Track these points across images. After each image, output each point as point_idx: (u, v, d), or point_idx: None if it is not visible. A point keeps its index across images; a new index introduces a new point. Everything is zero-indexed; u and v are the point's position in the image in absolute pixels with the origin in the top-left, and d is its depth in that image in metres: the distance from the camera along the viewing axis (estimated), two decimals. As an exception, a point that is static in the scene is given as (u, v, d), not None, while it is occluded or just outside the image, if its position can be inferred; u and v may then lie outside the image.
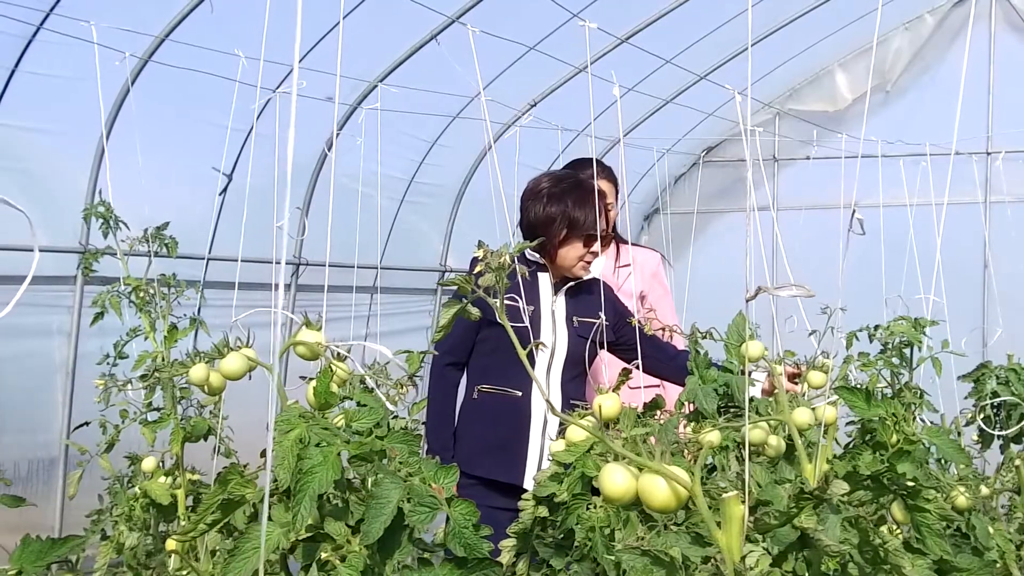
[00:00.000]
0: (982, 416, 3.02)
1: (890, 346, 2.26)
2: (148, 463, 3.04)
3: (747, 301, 1.21)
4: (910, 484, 1.68)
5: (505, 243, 1.25)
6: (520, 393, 3.33)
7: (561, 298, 3.43)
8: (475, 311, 1.41)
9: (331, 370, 1.52)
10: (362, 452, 1.45)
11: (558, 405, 3.34)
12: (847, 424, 2.94)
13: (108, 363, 3.16)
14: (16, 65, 4.00)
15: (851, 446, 2.05)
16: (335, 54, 4.96)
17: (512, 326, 3.32)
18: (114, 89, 4.45)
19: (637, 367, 3.26)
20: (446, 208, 6.81)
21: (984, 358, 3.14)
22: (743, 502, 1.16)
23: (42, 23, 3.93)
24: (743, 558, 1.10)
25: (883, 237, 5.05)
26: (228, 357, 1.56)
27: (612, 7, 5.44)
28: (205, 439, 3.07)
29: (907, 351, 2.25)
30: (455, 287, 3.54)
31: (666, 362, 3.48)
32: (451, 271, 6.91)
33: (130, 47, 4.26)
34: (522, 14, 5.65)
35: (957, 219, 6.30)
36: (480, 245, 1.25)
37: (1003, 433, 2.99)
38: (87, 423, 3.05)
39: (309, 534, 1.45)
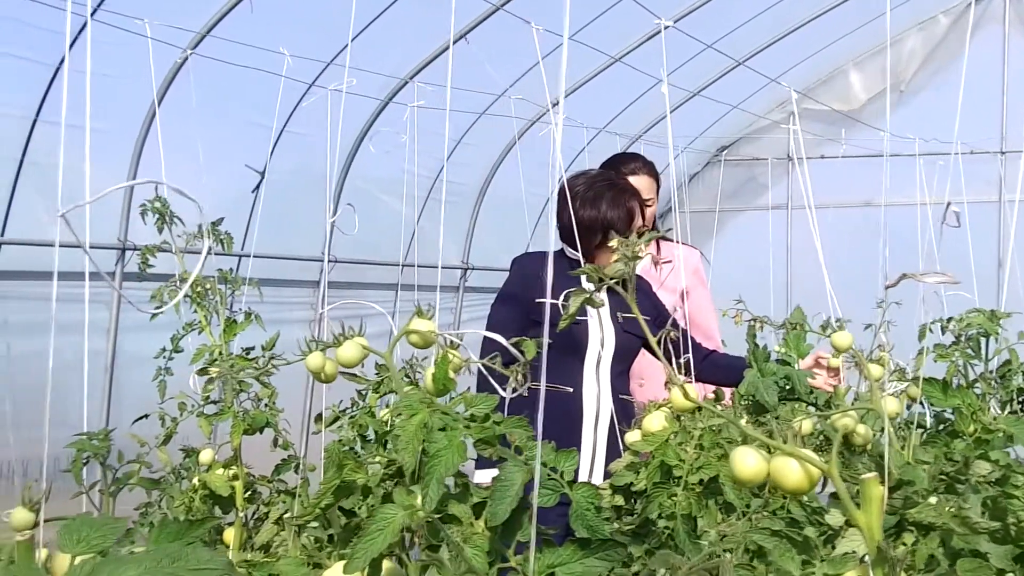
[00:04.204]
0: (1008, 411, 3.07)
1: (963, 338, 2.30)
2: (206, 455, 3.06)
3: (886, 288, 1.25)
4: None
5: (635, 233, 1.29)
6: (571, 389, 3.36)
7: (604, 295, 3.45)
8: (600, 299, 1.44)
9: (447, 357, 1.56)
10: (485, 436, 1.49)
11: (608, 400, 3.38)
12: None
13: (164, 356, 3.19)
14: (60, 63, 4.03)
15: (926, 435, 2.09)
16: (370, 49, 5.01)
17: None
18: (151, 88, 4.48)
19: (685, 363, 3.30)
20: (468, 206, 6.85)
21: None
22: (882, 483, 1.19)
23: (86, 23, 3.95)
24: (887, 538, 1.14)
25: (918, 235, 5.10)
26: (345, 345, 1.60)
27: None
28: (260, 432, 3.11)
29: (982, 342, 2.30)
30: (505, 282, 3.54)
31: (699, 362, 3.51)
32: (473, 268, 6.96)
33: (171, 43, 4.30)
34: (549, 9, 5.68)
35: (972, 218, 6.35)
36: (612, 237, 1.28)
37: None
38: (146, 416, 3.07)
39: (435, 516, 1.49)
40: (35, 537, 1.05)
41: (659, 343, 3.33)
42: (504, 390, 3.08)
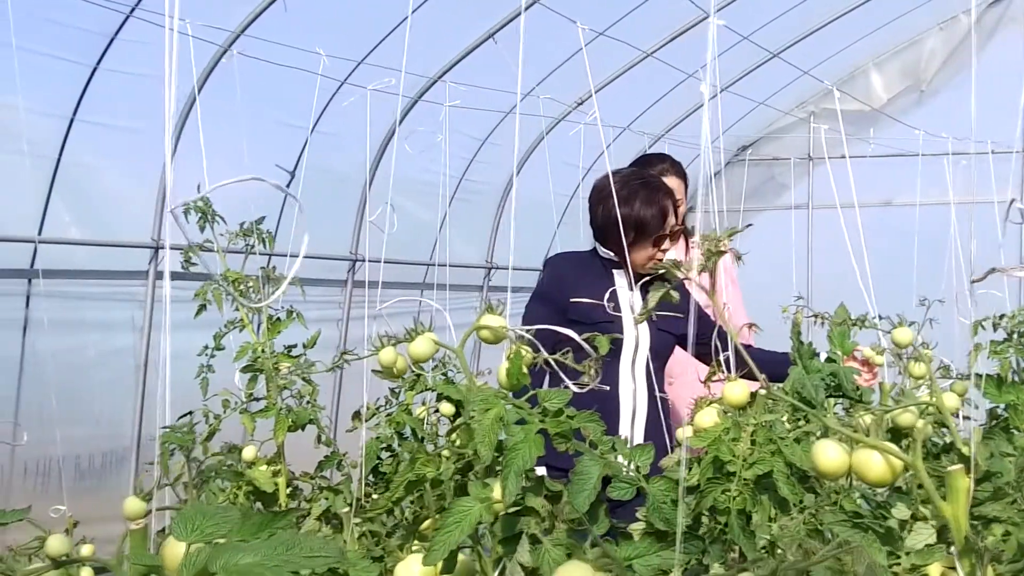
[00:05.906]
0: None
1: (1015, 335, 2.32)
2: (248, 452, 3.09)
3: (972, 283, 1.26)
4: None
5: (712, 229, 1.31)
6: (607, 387, 3.36)
7: (638, 294, 3.46)
8: (676, 295, 1.46)
9: (521, 352, 1.58)
10: (562, 430, 1.51)
11: (644, 398, 3.39)
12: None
13: (206, 354, 3.22)
14: (98, 63, 4.06)
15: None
16: (398, 48, 5.02)
17: (602, 323, 3.36)
18: (185, 87, 4.51)
19: (726, 359, 3.30)
20: (493, 205, 6.87)
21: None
22: (968, 474, 1.21)
23: (124, 21, 3.99)
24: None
25: (949, 233, 5.12)
26: (417, 340, 1.62)
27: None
28: (303, 429, 3.13)
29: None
30: (539, 282, 3.54)
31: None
32: (496, 268, 6.98)
33: (204, 44, 4.32)
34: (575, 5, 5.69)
35: (994, 217, 6.33)
36: (692, 232, 1.30)
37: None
38: (191, 412, 3.09)
39: (514, 509, 1.51)
40: (148, 526, 1.07)
41: (710, 340, 3.35)
42: (543, 385, 3.10)
